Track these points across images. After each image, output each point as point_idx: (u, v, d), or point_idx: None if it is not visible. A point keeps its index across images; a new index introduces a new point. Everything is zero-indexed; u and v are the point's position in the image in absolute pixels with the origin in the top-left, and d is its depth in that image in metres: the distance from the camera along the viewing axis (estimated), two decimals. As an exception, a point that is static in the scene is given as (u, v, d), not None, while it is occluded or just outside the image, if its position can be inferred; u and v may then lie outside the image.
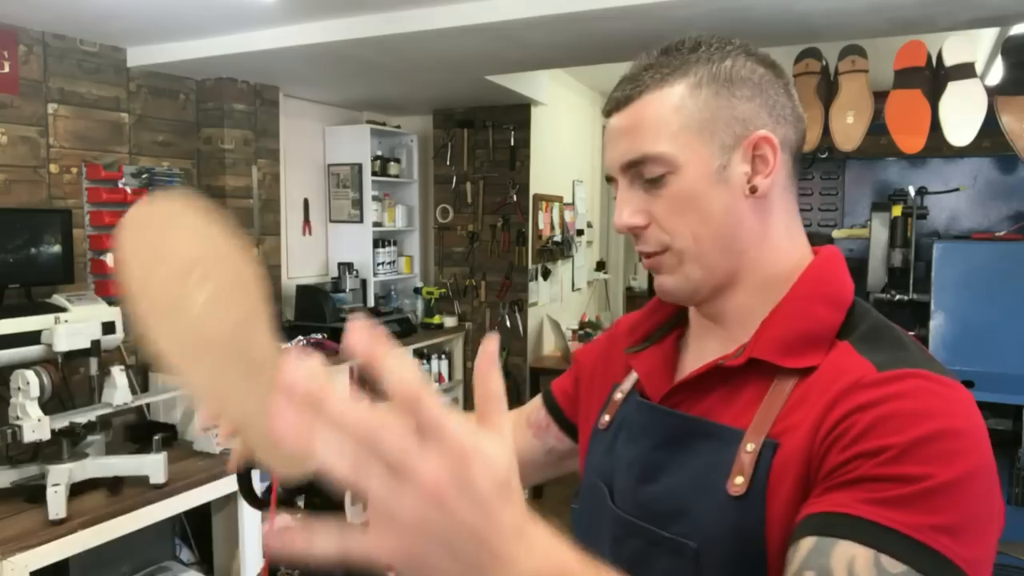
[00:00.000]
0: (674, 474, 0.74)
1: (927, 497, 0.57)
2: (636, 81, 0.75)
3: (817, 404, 0.66)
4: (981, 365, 2.72)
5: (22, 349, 2.47)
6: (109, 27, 2.83)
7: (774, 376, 0.71)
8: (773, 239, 0.75)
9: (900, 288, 3.15)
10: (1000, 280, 2.74)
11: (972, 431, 0.61)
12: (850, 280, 0.75)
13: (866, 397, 0.62)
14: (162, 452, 2.60)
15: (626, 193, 0.75)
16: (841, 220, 4.42)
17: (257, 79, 3.56)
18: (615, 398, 0.88)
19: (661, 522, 0.73)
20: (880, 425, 0.60)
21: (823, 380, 0.67)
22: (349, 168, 4.20)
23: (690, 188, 0.72)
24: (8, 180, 2.74)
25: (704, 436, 0.73)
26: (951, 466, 0.58)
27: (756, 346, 0.72)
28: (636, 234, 0.76)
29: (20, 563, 2.09)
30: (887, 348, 0.68)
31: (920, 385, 0.62)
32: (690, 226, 0.73)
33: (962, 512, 0.57)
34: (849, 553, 0.56)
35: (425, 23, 2.59)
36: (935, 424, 0.59)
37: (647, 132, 0.73)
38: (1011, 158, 3.63)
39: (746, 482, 0.67)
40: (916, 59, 2.69)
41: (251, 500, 1.56)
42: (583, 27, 2.52)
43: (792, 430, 0.67)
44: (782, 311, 0.73)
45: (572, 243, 5.02)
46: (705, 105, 0.72)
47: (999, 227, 3.78)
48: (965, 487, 0.58)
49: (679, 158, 0.72)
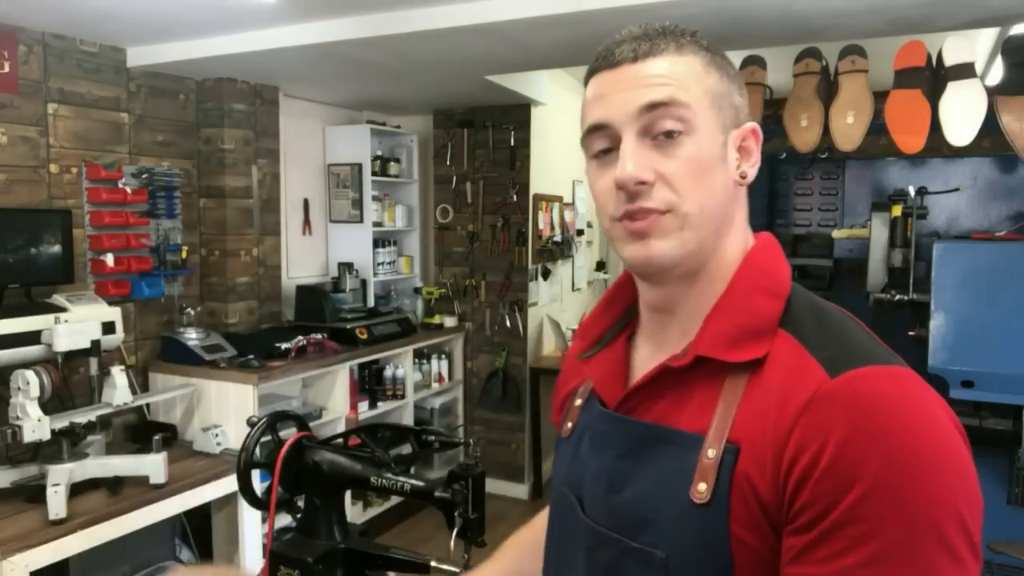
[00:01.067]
0: (639, 483, 0.74)
1: (914, 535, 0.58)
2: (653, 41, 0.73)
3: (779, 416, 0.65)
4: (981, 365, 2.72)
5: (22, 349, 2.47)
6: (109, 27, 2.83)
7: (725, 375, 0.71)
8: (737, 228, 0.77)
9: (900, 288, 3.15)
10: (1000, 280, 2.74)
11: (928, 434, 0.61)
12: (787, 266, 0.76)
13: (827, 418, 0.62)
14: (162, 452, 2.60)
15: (633, 146, 0.71)
16: (841, 220, 4.42)
17: (257, 79, 3.56)
18: (575, 404, 0.88)
19: (630, 532, 0.73)
20: (844, 458, 0.60)
21: (777, 383, 0.67)
22: (349, 168, 4.20)
23: (704, 154, 0.71)
24: (8, 180, 2.74)
25: (665, 443, 0.73)
26: (924, 490, 0.58)
27: (701, 343, 0.72)
28: (636, 191, 0.71)
29: (20, 563, 2.09)
30: (833, 340, 0.68)
31: (874, 391, 0.62)
32: (699, 192, 0.71)
33: (947, 526, 0.58)
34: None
35: (425, 23, 2.59)
36: (896, 447, 0.59)
37: (673, 83, 0.71)
38: (1011, 158, 3.64)
39: (709, 489, 0.67)
40: (916, 59, 2.69)
41: (251, 500, 1.56)
42: (583, 27, 2.52)
43: (752, 436, 0.67)
44: (724, 306, 0.73)
45: (572, 243, 5.02)
46: (717, 83, 0.73)
47: (999, 227, 3.79)
48: (944, 499, 0.59)
49: (698, 119, 0.71)
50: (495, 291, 4.52)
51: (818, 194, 4.48)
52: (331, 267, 4.27)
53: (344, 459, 1.49)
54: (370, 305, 4.18)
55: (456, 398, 4.66)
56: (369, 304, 4.19)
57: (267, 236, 3.72)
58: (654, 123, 0.71)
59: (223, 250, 3.51)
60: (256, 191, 3.63)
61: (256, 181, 3.63)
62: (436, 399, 4.47)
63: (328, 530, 1.48)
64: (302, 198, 4.13)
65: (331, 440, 1.59)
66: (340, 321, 3.79)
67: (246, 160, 3.57)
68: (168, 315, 3.35)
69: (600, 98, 0.74)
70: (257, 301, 3.69)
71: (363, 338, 3.74)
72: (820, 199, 4.48)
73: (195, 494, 2.67)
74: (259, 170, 3.65)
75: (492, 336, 4.55)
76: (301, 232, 4.13)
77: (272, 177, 3.74)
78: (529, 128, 4.36)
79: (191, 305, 3.29)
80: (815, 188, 4.48)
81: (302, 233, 4.14)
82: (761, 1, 2.29)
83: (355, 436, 1.60)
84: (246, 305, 3.62)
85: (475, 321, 4.59)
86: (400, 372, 4.11)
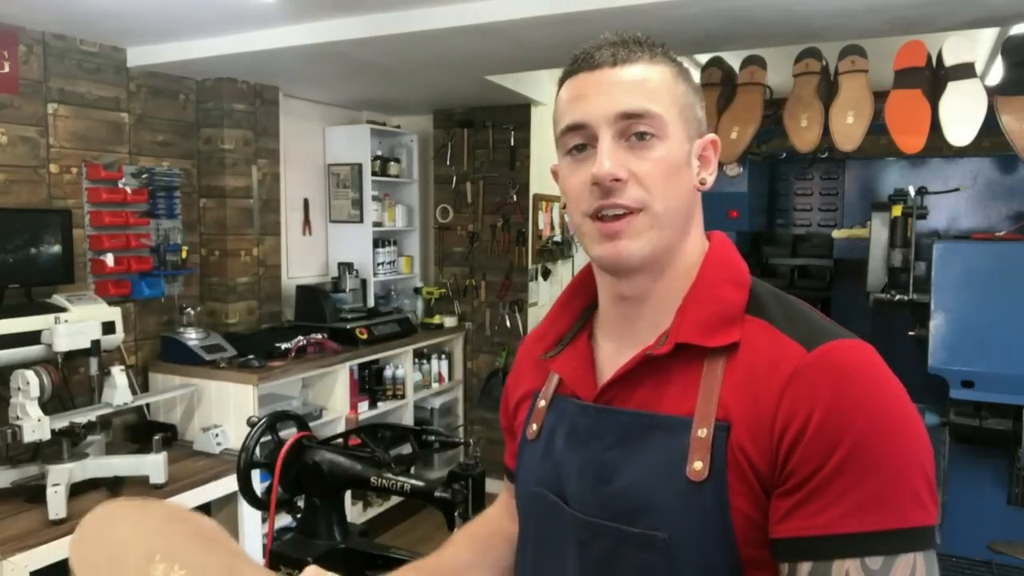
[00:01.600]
0: (631, 470, 0.76)
1: (891, 484, 0.65)
2: (630, 49, 0.78)
3: (765, 389, 0.71)
4: (981, 365, 2.72)
5: (22, 349, 2.47)
6: (109, 27, 2.83)
7: (702, 359, 0.76)
8: (696, 228, 0.83)
9: (900, 288, 3.15)
10: (1000, 280, 2.74)
11: (894, 398, 0.69)
12: (743, 260, 0.84)
13: (811, 386, 0.69)
14: (162, 452, 2.61)
15: (610, 145, 0.76)
16: (841, 220, 4.41)
17: (257, 79, 3.56)
18: (539, 406, 0.90)
19: (627, 519, 0.75)
20: (830, 421, 0.67)
21: (759, 361, 0.73)
22: (349, 168, 4.20)
23: (673, 158, 0.77)
24: (8, 180, 2.74)
25: (652, 428, 0.76)
26: (897, 447, 0.66)
27: (680, 331, 0.77)
28: (610, 187, 0.75)
29: (20, 563, 2.10)
30: (800, 321, 0.76)
31: (848, 360, 0.70)
32: (668, 193, 0.77)
33: (916, 477, 0.66)
34: (843, 569, 0.65)
35: (425, 23, 2.59)
36: (873, 410, 0.67)
37: (650, 93, 0.77)
38: (1011, 158, 3.63)
39: (705, 466, 0.71)
40: (916, 59, 2.68)
41: (251, 500, 1.56)
42: (583, 27, 2.52)
43: (741, 411, 0.72)
44: (695, 296, 0.79)
45: (572, 243, 5.02)
46: (683, 94, 0.80)
47: (999, 227, 3.78)
48: (912, 454, 0.67)
49: (669, 126, 0.77)
50: (495, 291, 4.52)
51: (818, 194, 4.47)
52: (331, 267, 4.27)
53: (344, 459, 1.49)
54: (370, 305, 4.18)
55: (456, 398, 4.66)
56: (369, 304, 4.19)
57: (267, 236, 3.72)
58: (630, 127, 0.76)
59: (223, 250, 3.51)
60: (256, 191, 3.63)
61: (256, 181, 3.64)
62: (436, 399, 4.48)
63: (328, 530, 1.48)
64: (302, 198, 4.13)
65: (331, 440, 1.59)
66: (340, 321, 3.80)
67: (246, 160, 3.57)
68: (168, 315, 3.35)
69: (579, 99, 0.79)
70: (257, 301, 3.69)
71: (363, 338, 3.74)
72: (820, 199, 4.47)
73: (195, 494, 2.68)
74: (259, 170, 3.65)
75: (492, 336, 4.55)
76: (301, 232, 4.13)
77: (272, 177, 3.74)
78: (529, 128, 4.36)
79: (191, 305, 3.29)
80: (815, 188, 4.47)
81: (302, 233, 4.14)
82: (761, 1, 2.29)
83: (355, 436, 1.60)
84: (246, 305, 3.62)
85: (475, 321, 4.59)
86: (400, 372, 4.11)
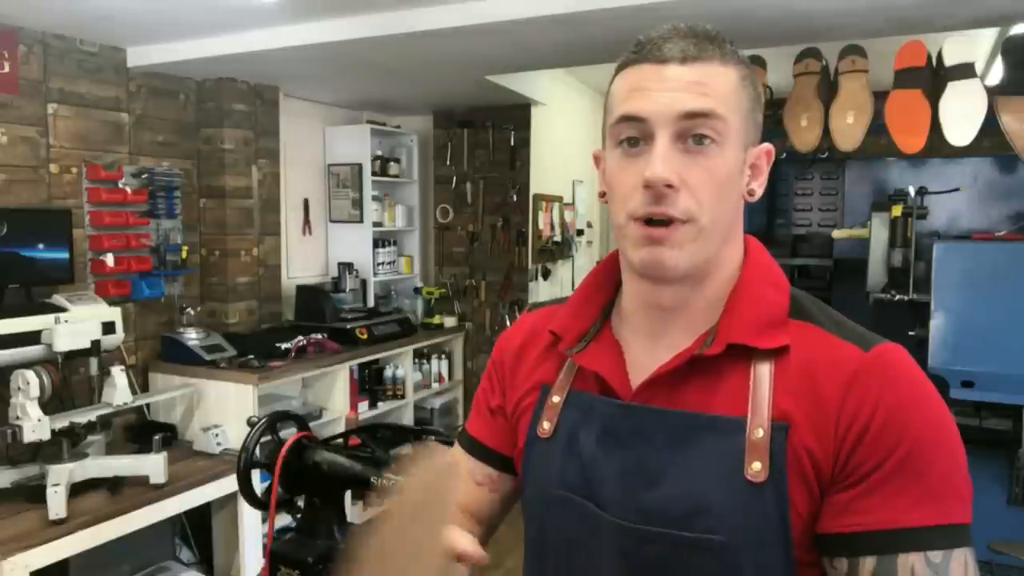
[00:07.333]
0: (682, 473, 0.73)
1: (944, 481, 0.68)
2: (701, 45, 0.73)
3: (827, 388, 0.71)
4: (981, 365, 2.72)
5: (22, 349, 2.47)
6: (109, 27, 2.83)
7: (750, 360, 0.74)
8: (737, 235, 0.81)
9: (900, 288, 3.15)
10: (1000, 280, 2.74)
11: (939, 399, 0.72)
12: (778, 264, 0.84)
13: (875, 384, 0.70)
14: (162, 452, 2.61)
15: (665, 147, 0.72)
16: (841, 220, 4.42)
17: (257, 79, 3.56)
18: (551, 401, 0.85)
19: (680, 524, 0.72)
20: (894, 418, 0.69)
21: (816, 362, 0.73)
22: (349, 168, 4.19)
23: (726, 167, 0.74)
24: (8, 180, 2.74)
25: (704, 429, 0.73)
26: (948, 446, 0.70)
27: (731, 332, 0.75)
28: (662, 193, 0.71)
29: (20, 563, 2.10)
30: (845, 324, 0.77)
31: (900, 362, 0.72)
32: (715, 204, 0.73)
33: (960, 475, 0.69)
34: (908, 563, 0.67)
35: (425, 23, 2.59)
36: (929, 411, 0.70)
37: (717, 95, 0.72)
38: (1011, 158, 3.63)
39: (764, 467, 0.70)
40: (916, 59, 2.69)
41: (251, 500, 1.56)
42: (583, 27, 2.52)
43: (801, 412, 0.71)
44: (742, 298, 0.77)
45: (572, 243, 5.02)
46: (748, 99, 0.76)
47: (999, 227, 3.78)
48: (960, 453, 0.70)
49: (729, 133, 0.73)
50: (495, 291, 4.52)
51: (818, 194, 4.48)
52: (331, 267, 4.27)
53: (344, 459, 1.49)
54: (370, 305, 4.18)
55: (456, 398, 4.66)
56: (369, 304, 4.19)
57: (267, 236, 3.72)
58: (690, 128, 0.72)
59: (223, 250, 3.51)
60: (256, 191, 3.63)
61: (256, 181, 3.63)
62: (436, 399, 4.47)
63: (328, 530, 1.48)
64: (302, 198, 4.13)
65: (331, 440, 1.59)
66: (340, 321, 3.79)
67: (246, 160, 3.57)
68: (168, 315, 3.35)
69: (639, 91, 0.74)
70: (257, 301, 3.69)
71: (363, 338, 3.74)
72: (820, 199, 4.48)
73: (195, 494, 2.68)
74: (259, 170, 3.65)
75: (492, 336, 4.55)
76: (301, 232, 4.13)
77: (272, 177, 3.74)
78: (529, 128, 4.36)
79: (191, 305, 3.29)
80: (815, 188, 4.48)
81: (302, 233, 4.14)
82: (761, 1, 2.29)
83: (355, 436, 1.60)
84: (246, 305, 3.62)
85: (475, 321, 4.59)
86: (400, 372, 4.11)
